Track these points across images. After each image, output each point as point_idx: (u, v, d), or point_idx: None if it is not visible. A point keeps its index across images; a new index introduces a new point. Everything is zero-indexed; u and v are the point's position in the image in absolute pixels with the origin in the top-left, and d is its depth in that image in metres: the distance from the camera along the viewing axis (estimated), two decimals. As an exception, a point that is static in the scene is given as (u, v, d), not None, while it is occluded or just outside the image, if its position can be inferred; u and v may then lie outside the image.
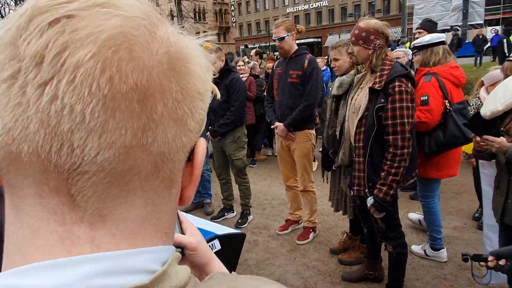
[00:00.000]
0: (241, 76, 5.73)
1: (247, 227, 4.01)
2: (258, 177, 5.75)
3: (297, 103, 3.30)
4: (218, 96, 3.14)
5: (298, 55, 3.32)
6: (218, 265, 0.74)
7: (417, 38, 4.31)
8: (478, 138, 2.18)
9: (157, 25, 0.33)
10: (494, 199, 2.08)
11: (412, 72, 2.31)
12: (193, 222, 0.78)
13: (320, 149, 3.37)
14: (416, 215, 3.73)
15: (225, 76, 3.81)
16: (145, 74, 0.30)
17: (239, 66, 5.84)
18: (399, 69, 2.23)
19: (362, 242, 3.16)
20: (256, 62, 7.07)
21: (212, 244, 2.61)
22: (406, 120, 2.15)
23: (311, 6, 46.82)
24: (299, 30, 3.41)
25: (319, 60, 7.50)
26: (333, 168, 3.03)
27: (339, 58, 2.86)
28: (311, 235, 3.62)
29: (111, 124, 0.29)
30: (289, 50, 3.30)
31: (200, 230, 2.42)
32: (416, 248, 3.23)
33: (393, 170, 2.19)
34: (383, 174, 2.23)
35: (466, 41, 25.06)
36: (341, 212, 3.22)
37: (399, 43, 14.80)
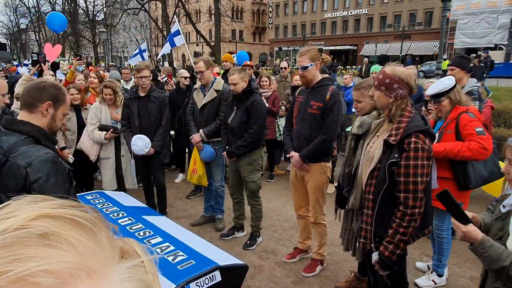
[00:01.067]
0: (265, 92, 5.73)
1: (254, 250, 3.99)
2: (274, 193, 5.72)
3: (315, 135, 3.24)
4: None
5: (321, 86, 3.25)
6: None
7: (448, 75, 4.16)
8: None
9: None
10: None
11: (432, 129, 2.20)
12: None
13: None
14: (423, 264, 3.62)
15: (246, 97, 3.80)
16: None
17: (264, 82, 5.82)
18: (418, 123, 2.13)
19: (369, 285, 3.07)
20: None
21: (212, 276, 2.61)
22: (419, 179, 2.06)
23: (350, 13, 46.06)
24: (325, 59, 3.35)
25: (346, 76, 7.39)
26: (346, 207, 2.96)
27: (362, 100, 2.77)
28: (318, 268, 3.56)
29: None
30: (312, 79, 3.24)
31: (201, 257, 2.41)
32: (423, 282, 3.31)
33: (401, 230, 2.10)
34: (390, 231, 2.14)
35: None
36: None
37: (437, 58, 14.23)
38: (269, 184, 6.21)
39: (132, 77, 6.78)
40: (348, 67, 36.91)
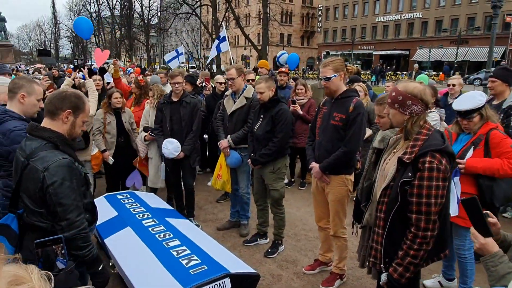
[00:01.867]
0: (301, 99, 5.70)
1: (275, 258, 3.98)
2: (304, 202, 5.66)
3: (336, 147, 3.18)
4: None
5: (345, 97, 3.18)
6: None
7: (489, 87, 3.90)
8: None
9: None
10: None
11: (450, 148, 2.07)
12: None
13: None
14: (432, 281, 3.48)
15: (272, 106, 3.81)
16: None
17: (299, 89, 5.78)
18: (436, 141, 2.02)
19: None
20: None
21: (222, 283, 2.65)
22: (433, 200, 1.95)
23: (403, 16, 44.36)
24: (350, 70, 3.27)
25: (389, 84, 7.10)
26: (361, 223, 2.86)
27: (383, 115, 2.68)
28: (337, 283, 3.47)
29: None
30: (336, 91, 3.18)
31: (214, 263, 2.48)
32: None
33: (411, 252, 2.00)
34: (400, 253, 2.05)
35: None
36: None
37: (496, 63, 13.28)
38: (300, 191, 6.16)
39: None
40: (398, 72, 35.54)
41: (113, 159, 4.86)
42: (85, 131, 2.23)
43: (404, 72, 34.09)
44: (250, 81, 5.30)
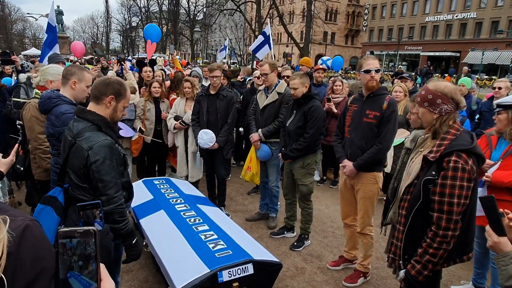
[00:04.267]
0: (337, 97, 5.69)
1: (300, 252, 4.05)
2: (334, 200, 5.66)
3: (369, 144, 3.20)
4: None
5: (378, 95, 3.20)
6: None
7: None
8: None
9: None
10: None
11: (479, 149, 2.04)
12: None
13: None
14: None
15: (305, 102, 3.87)
16: None
17: (337, 86, 5.77)
18: (463, 141, 2.00)
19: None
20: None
21: (245, 268, 2.77)
22: (455, 200, 1.94)
23: (456, 16, 42.16)
24: None
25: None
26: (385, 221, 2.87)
27: (415, 113, 2.67)
28: (360, 280, 3.49)
29: None
30: (375, 86, 3.21)
31: (239, 249, 2.64)
32: None
33: (431, 250, 2.01)
34: (420, 250, 2.06)
35: None
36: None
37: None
38: (331, 190, 6.16)
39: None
40: (446, 75, 33.92)
41: (151, 138, 5.14)
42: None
43: (454, 75, 32.50)
44: (285, 77, 5.37)
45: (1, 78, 5.92)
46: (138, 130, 5.09)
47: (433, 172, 2.01)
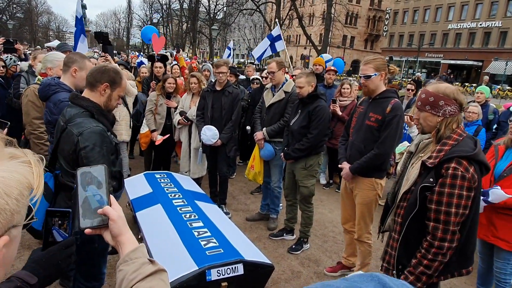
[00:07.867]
0: (344, 100, 5.58)
1: (298, 255, 3.96)
2: (338, 205, 5.45)
3: (368, 148, 3.08)
4: None
5: (383, 98, 3.07)
6: (128, 238, 0.99)
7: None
8: None
9: None
10: None
11: (482, 157, 1.91)
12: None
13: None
14: None
15: (310, 102, 3.78)
16: None
17: (344, 89, 5.65)
18: (465, 148, 1.87)
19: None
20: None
21: (235, 267, 2.70)
22: (453, 210, 1.82)
23: (479, 24, 41.14)
24: (392, 71, 3.14)
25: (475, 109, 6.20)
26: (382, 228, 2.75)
27: (418, 117, 2.55)
28: (357, 288, 3.36)
29: None
30: (374, 90, 3.07)
31: (230, 248, 2.55)
32: None
33: (425, 262, 1.90)
34: (413, 261, 1.95)
35: None
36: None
37: None
38: (337, 194, 6.02)
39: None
40: (466, 84, 33.15)
41: (161, 136, 5.13)
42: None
43: (474, 84, 31.72)
44: (293, 76, 5.28)
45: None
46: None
47: (431, 179, 1.90)
